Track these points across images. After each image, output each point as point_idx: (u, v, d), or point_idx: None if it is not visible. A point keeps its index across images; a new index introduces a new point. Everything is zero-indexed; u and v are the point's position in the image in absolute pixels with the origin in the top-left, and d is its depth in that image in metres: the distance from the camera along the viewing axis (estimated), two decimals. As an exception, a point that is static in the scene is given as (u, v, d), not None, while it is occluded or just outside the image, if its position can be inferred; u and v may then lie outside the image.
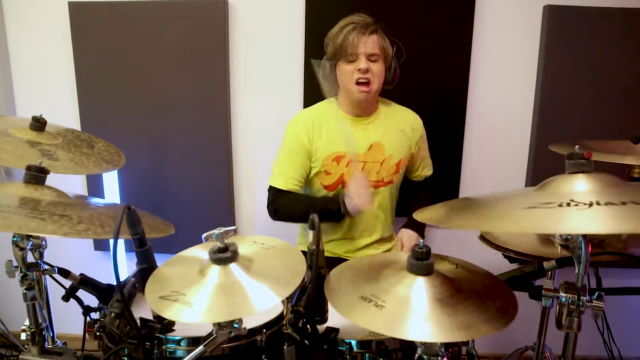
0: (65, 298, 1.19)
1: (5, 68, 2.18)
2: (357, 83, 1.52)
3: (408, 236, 1.67)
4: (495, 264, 2.21)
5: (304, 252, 1.77)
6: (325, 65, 1.60)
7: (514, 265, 2.08)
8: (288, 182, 1.62)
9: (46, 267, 1.15)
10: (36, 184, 1.02)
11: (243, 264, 0.76)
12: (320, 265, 0.83)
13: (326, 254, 1.72)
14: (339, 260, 1.71)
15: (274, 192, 1.65)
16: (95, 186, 2.20)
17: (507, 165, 2.17)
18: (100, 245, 2.31)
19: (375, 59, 1.51)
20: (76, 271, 1.16)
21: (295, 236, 1.88)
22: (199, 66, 2.07)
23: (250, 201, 2.27)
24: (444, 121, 2.08)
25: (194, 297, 0.70)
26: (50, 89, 2.20)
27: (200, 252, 0.84)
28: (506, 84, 2.10)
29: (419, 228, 1.69)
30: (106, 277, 1.13)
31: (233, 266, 0.75)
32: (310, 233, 0.79)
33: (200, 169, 2.17)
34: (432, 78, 2.05)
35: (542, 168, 2.09)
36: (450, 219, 0.80)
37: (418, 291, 0.76)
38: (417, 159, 1.77)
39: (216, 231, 0.73)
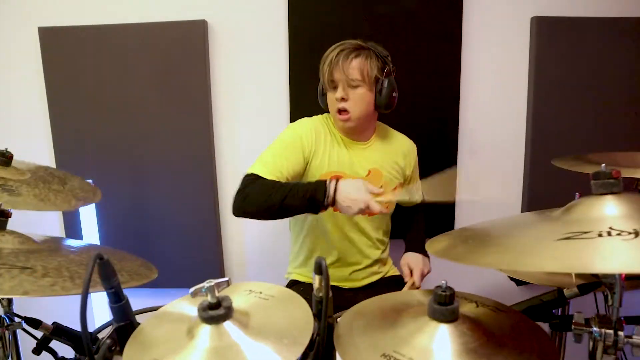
0: (36, 351, 1.06)
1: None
2: (338, 111, 1.45)
3: (415, 260, 1.56)
4: (491, 277, 2.15)
5: (294, 282, 1.70)
6: (320, 92, 1.55)
7: (522, 289, 2.02)
8: (273, 174, 1.36)
9: (14, 320, 1.02)
10: (-5, 229, 0.90)
11: (239, 320, 0.64)
12: (328, 314, 0.72)
13: (310, 280, 1.64)
14: (331, 289, 1.63)
15: (250, 178, 1.35)
16: (72, 224, 2.05)
17: (502, 182, 2.10)
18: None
19: (356, 85, 1.42)
20: (54, 313, 1.02)
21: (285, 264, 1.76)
22: (179, 90, 1.97)
23: (238, 228, 2.15)
24: (435, 140, 2.01)
25: (183, 364, 0.58)
26: (21, 119, 2.07)
27: (187, 306, 0.72)
28: (498, 98, 2.04)
29: (423, 250, 1.60)
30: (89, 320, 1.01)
31: (227, 324, 0.63)
32: (317, 278, 0.69)
33: (183, 197, 2.04)
34: (420, 97, 1.97)
35: (539, 183, 2.03)
36: (473, 256, 0.70)
37: (442, 342, 0.66)
38: (410, 184, 1.68)
39: (205, 284, 0.61)
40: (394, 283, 1.65)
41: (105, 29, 1.92)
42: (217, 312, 0.62)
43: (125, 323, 0.73)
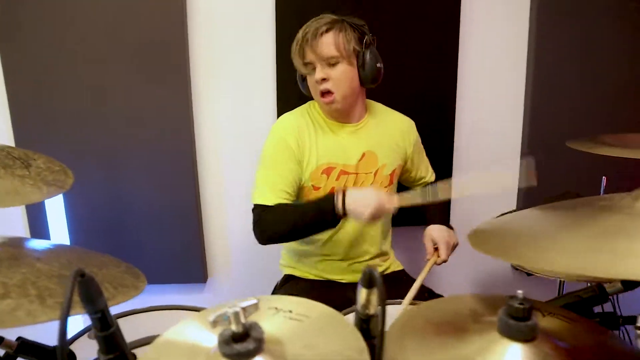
0: (-2, 372, 0.89)
1: None
2: (321, 94, 1.31)
3: (439, 233, 1.41)
4: (489, 265, 2.08)
5: (289, 277, 1.56)
6: (300, 78, 1.40)
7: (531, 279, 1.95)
8: (277, 195, 1.33)
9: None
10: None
11: (274, 351, 0.49)
12: (373, 335, 0.58)
13: (312, 277, 1.50)
14: (330, 284, 1.48)
15: (259, 211, 1.34)
16: (37, 218, 1.80)
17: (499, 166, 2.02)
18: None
19: (335, 62, 1.28)
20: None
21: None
22: (155, 66, 1.75)
23: (221, 216, 1.98)
24: (431, 124, 1.87)
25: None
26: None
27: (197, 331, 0.55)
28: (496, 76, 1.94)
29: (446, 222, 1.48)
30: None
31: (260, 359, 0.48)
32: (363, 291, 0.54)
33: (161, 187, 1.85)
34: (417, 79, 1.85)
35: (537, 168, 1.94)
36: (510, 251, 0.57)
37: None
38: (413, 165, 1.56)
39: (229, 309, 0.46)
40: (397, 279, 1.53)
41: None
42: (244, 345, 0.47)
43: (114, 356, 0.57)
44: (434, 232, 1.41)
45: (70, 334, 1.13)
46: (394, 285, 1.49)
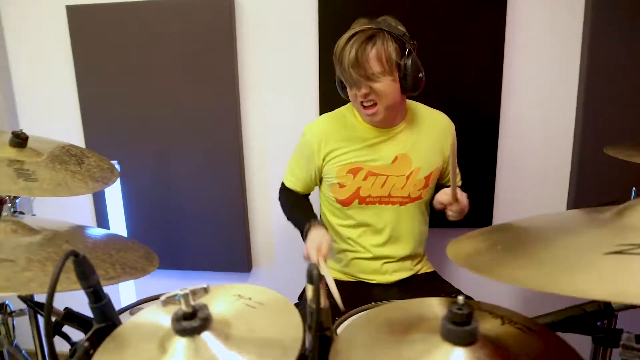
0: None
1: (6, 79, 2.06)
2: (363, 106, 1.34)
3: (444, 193, 1.36)
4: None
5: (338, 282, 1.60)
6: (339, 82, 1.43)
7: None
8: (291, 180, 1.58)
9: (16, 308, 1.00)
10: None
11: (219, 330, 0.56)
12: (325, 326, 0.63)
13: (347, 278, 1.56)
14: (360, 285, 1.53)
15: (280, 188, 1.64)
16: (101, 209, 2.08)
17: (547, 173, 1.91)
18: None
19: (378, 77, 1.28)
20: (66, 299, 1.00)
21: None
22: (205, 70, 1.90)
23: (265, 210, 2.09)
24: (475, 124, 1.84)
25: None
26: (51, 99, 2.07)
27: (160, 315, 0.64)
28: (545, 78, 1.83)
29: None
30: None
31: (206, 336, 0.55)
32: (309, 287, 0.60)
33: (210, 180, 2.01)
34: (460, 79, 1.81)
35: (589, 175, 1.82)
36: (498, 269, 0.58)
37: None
38: (447, 167, 1.54)
39: (179, 292, 0.54)
40: (428, 280, 1.54)
41: (131, 6, 1.87)
42: (191, 323, 0.55)
43: (106, 324, 0.67)
44: (440, 194, 1.38)
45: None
46: (424, 287, 1.51)
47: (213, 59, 1.89)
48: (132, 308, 1.21)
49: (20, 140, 1.22)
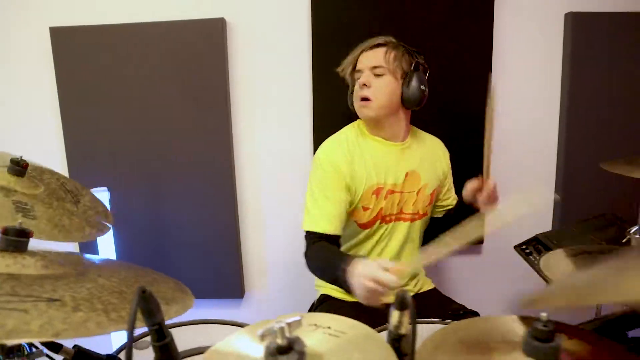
0: (56, 378, 0.98)
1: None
2: (360, 99, 1.39)
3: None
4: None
5: (325, 297, 1.57)
6: (350, 95, 1.49)
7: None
8: (323, 223, 1.34)
9: (33, 349, 0.92)
10: (15, 251, 0.80)
11: (314, 364, 0.54)
12: (404, 352, 0.62)
13: (353, 298, 1.51)
14: (357, 307, 1.49)
15: (311, 238, 1.35)
16: None
17: (532, 189, 2.00)
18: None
19: (380, 73, 1.36)
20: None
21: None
22: (197, 92, 1.87)
23: (258, 235, 2.05)
24: (464, 143, 1.89)
25: None
26: (33, 121, 1.96)
27: (245, 343, 0.61)
28: (529, 98, 1.94)
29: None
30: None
31: (302, 370, 0.53)
32: (395, 313, 0.59)
33: (202, 205, 1.95)
34: (449, 98, 1.87)
35: (574, 188, 1.93)
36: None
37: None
38: (444, 188, 1.60)
39: (276, 324, 0.52)
40: (429, 299, 1.54)
41: (118, 28, 1.82)
42: (288, 357, 0.52)
43: (169, 364, 0.63)
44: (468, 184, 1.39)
45: (115, 346, 1.22)
46: (426, 305, 1.51)
47: (204, 80, 1.86)
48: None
49: (20, 168, 1.16)
